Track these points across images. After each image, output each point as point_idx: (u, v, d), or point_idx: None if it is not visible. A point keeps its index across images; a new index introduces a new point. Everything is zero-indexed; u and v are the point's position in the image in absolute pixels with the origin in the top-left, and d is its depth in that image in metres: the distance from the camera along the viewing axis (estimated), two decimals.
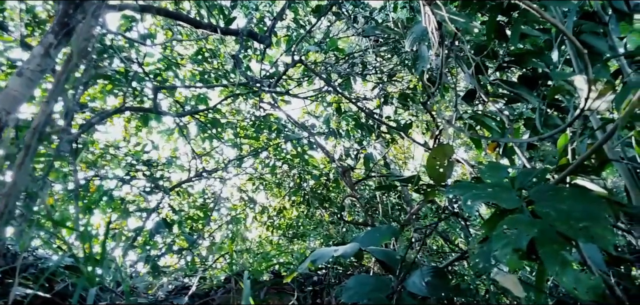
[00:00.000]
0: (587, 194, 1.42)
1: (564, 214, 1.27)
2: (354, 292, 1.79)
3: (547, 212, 1.29)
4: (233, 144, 5.80)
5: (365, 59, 4.71)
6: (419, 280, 1.73)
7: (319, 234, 4.77)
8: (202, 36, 5.48)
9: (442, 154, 1.79)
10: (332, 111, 5.35)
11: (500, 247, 1.18)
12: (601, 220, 1.21)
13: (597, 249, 1.90)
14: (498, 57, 3.32)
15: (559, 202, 1.34)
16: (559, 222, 1.24)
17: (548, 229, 1.22)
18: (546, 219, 1.26)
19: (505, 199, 1.36)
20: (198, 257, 4.93)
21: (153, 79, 5.33)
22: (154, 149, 5.76)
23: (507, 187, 1.50)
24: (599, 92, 1.47)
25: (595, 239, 1.17)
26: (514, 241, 1.18)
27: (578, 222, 1.23)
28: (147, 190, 5.21)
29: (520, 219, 1.27)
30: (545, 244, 1.18)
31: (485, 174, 1.59)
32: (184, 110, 5.42)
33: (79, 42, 2.17)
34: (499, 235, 1.21)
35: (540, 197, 1.39)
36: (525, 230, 1.20)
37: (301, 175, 5.39)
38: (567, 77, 2.21)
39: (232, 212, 6.06)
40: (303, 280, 3.36)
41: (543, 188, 1.48)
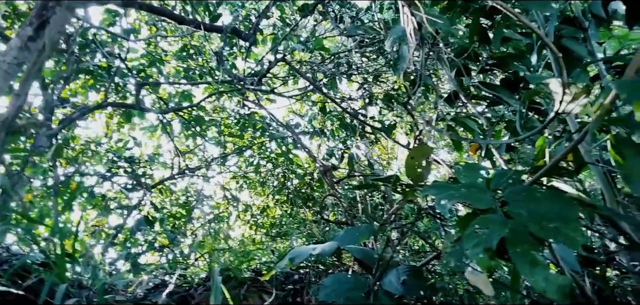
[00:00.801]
0: (559, 196, 1.44)
1: (535, 214, 1.29)
2: (330, 291, 1.79)
3: (519, 212, 1.30)
4: (217, 141, 5.77)
5: (350, 59, 4.72)
6: (395, 280, 1.74)
7: (302, 233, 4.76)
8: (187, 32, 5.42)
9: (421, 155, 1.80)
10: (317, 110, 5.35)
11: (471, 246, 1.19)
12: (572, 221, 1.23)
13: (570, 250, 1.93)
14: (480, 60, 3.36)
15: (531, 203, 1.35)
16: (531, 223, 1.25)
17: (519, 229, 1.23)
18: (518, 219, 1.28)
19: (478, 199, 1.37)
20: (180, 255, 4.89)
21: (136, 75, 5.26)
22: (137, 146, 5.69)
23: (482, 187, 1.51)
24: (573, 96, 1.50)
25: (565, 240, 1.19)
26: (485, 241, 1.19)
27: (549, 222, 1.24)
28: (129, 187, 5.14)
29: (493, 218, 1.28)
30: (516, 243, 1.20)
31: (461, 175, 1.60)
32: (167, 107, 5.36)
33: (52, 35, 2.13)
34: (471, 235, 1.22)
35: (513, 198, 1.41)
36: (496, 230, 1.21)
37: (285, 174, 5.38)
38: (543, 80, 2.24)
39: (214, 210, 6.02)
40: (284, 279, 3.34)
41: (517, 189, 1.50)
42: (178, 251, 4.68)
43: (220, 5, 5.12)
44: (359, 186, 3.38)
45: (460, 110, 3.79)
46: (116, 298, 3.11)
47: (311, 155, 4.37)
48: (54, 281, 1.94)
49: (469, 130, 3.49)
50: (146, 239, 4.98)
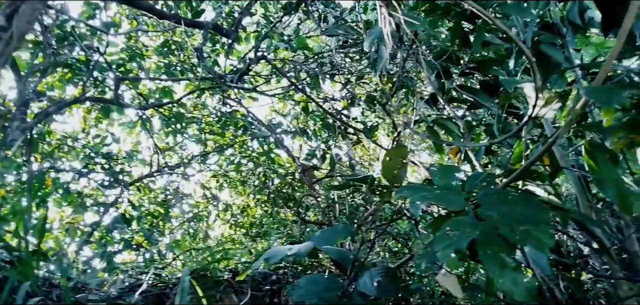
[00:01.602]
0: (531, 199, 1.45)
1: (506, 217, 1.29)
2: (305, 291, 1.77)
3: (491, 214, 1.31)
4: (197, 139, 5.69)
5: (333, 60, 4.71)
6: (370, 281, 1.73)
7: (282, 233, 4.73)
8: (169, 28, 5.34)
9: (397, 155, 1.80)
10: (299, 110, 5.32)
11: (442, 247, 1.18)
12: (541, 224, 1.24)
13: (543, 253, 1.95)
14: (461, 63, 3.39)
15: (503, 206, 1.36)
16: (501, 225, 1.26)
17: (490, 231, 1.23)
18: (489, 221, 1.28)
19: (451, 201, 1.38)
20: (157, 255, 4.81)
21: (115, 70, 5.16)
22: (115, 142, 5.58)
23: (456, 189, 1.51)
24: (547, 100, 1.51)
25: (534, 242, 1.19)
26: (456, 242, 1.19)
27: (519, 225, 1.25)
28: (106, 184, 5.04)
29: (464, 220, 1.29)
30: (486, 245, 1.20)
31: (436, 176, 1.60)
32: (147, 102, 5.27)
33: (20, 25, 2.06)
34: (442, 236, 1.21)
35: (486, 200, 1.41)
36: (467, 232, 1.21)
37: (266, 173, 5.35)
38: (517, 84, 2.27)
39: (194, 209, 5.95)
40: (262, 279, 3.32)
41: (490, 192, 1.51)
42: (155, 250, 4.60)
43: (203, 1, 5.06)
44: (336, 186, 3.37)
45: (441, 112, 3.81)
46: (89, 297, 3.05)
47: (290, 155, 4.35)
48: (19, 279, 1.88)
49: (449, 132, 3.51)
50: (123, 238, 4.89)
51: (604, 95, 1.12)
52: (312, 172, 3.86)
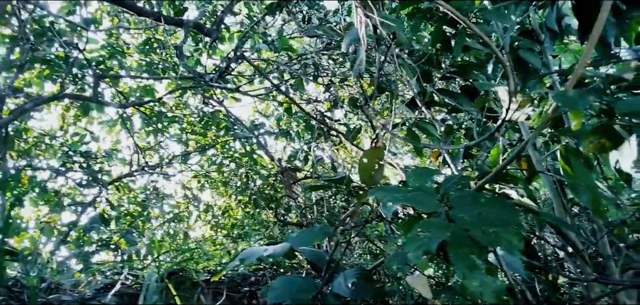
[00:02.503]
0: (502, 202, 1.46)
1: (477, 219, 1.30)
2: (279, 293, 1.76)
3: (462, 217, 1.31)
4: (179, 139, 5.63)
5: (316, 61, 4.70)
6: (344, 282, 1.72)
7: (263, 234, 4.71)
8: (151, 26, 5.28)
9: (373, 157, 1.80)
10: (283, 111, 5.30)
11: (412, 249, 1.18)
12: (511, 226, 1.25)
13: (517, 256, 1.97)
14: (442, 67, 3.41)
15: (474, 208, 1.37)
16: (472, 227, 1.26)
17: (460, 233, 1.24)
18: (460, 223, 1.29)
19: (423, 203, 1.38)
20: (136, 255, 4.73)
21: (95, 67, 5.07)
22: (94, 140, 5.48)
23: (429, 191, 1.52)
24: (520, 104, 1.52)
25: (503, 244, 1.20)
26: (426, 244, 1.19)
27: (490, 227, 1.26)
28: (84, 183, 4.94)
29: (435, 222, 1.29)
30: (456, 247, 1.20)
31: (410, 178, 1.61)
32: (127, 101, 5.19)
33: None
34: (413, 238, 1.21)
35: (459, 202, 1.42)
36: (437, 233, 1.22)
37: (248, 174, 5.31)
38: (490, 88, 2.29)
39: (174, 209, 5.87)
40: (240, 281, 3.29)
41: (464, 194, 1.51)
42: (134, 251, 4.53)
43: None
44: (313, 187, 3.37)
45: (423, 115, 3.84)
46: (62, 298, 2.98)
47: (270, 155, 4.33)
48: None
49: (430, 136, 3.54)
50: (100, 238, 4.80)
51: (572, 100, 1.14)
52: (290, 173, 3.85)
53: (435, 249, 1.17)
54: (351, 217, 2.36)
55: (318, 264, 1.99)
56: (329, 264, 1.75)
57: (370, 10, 1.74)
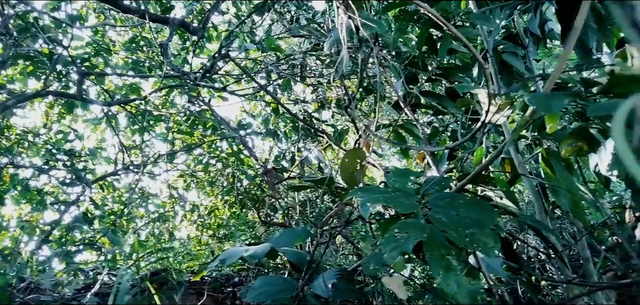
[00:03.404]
0: (480, 204, 1.47)
1: (454, 220, 1.31)
2: (259, 293, 1.75)
3: (440, 218, 1.32)
4: (164, 138, 5.57)
5: (304, 61, 4.70)
6: (325, 282, 1.72)
7: (250, 235, 4.68)
8: (138, 23, 5.23)
9: (355, 158, 1.80)
10: (270, 111, 5.29)
11: (389, 249, 1.18)
12: (486, 228, 1.26)
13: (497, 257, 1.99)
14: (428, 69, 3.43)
15: (452, 210, 1.37)
16: (449, 228, 1.27)
17: (437, 234, 1.24)
18: (437, 224, 1.29)
19: (402, 204, 1.38)
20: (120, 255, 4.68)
21: (80, 64, 5.01)
22: (78, 139, 5.40)
23: (409, 192, 1.52)
24: (499, 107, 1.54)
25: (479, 245, 1.21)
26: (403, 244, 1.19)
27: (466, 228, 1.26)
28: (67, 182, 4.88)
29: (412, 223, 1.29)
30: (432, 248, 1.21)
31: (391, 179, 1.61)
32: (112, 99, 5.13)
33: None
34: (389, 238, 1.21)
35: (437, 203, 1.43)
36: (414, 234, 1.22)
37: (235, 174, 5.28)
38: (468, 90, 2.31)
39: (160, 209, 5.82)
40: (224, 281, 3.28)
41: (442, 195, 1.52)
42: (118, 250, 4.47)
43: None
44: (295, 187, 3.36)
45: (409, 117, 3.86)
46: (41, 298, 2.94)
47: (254, 155, 4.31)
48: None
49: (415, 137, 3.56)
50: (84, 237, 4.74)
51: (546, 103, 1.15)
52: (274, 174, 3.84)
53: (411, 249, 1.18)
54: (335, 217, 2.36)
55: (299, 265, 1.99)
56: (309, 265, 1.75)
57: (352, 11, 1.74)
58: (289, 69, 4.77)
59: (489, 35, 2.98)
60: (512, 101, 1.47)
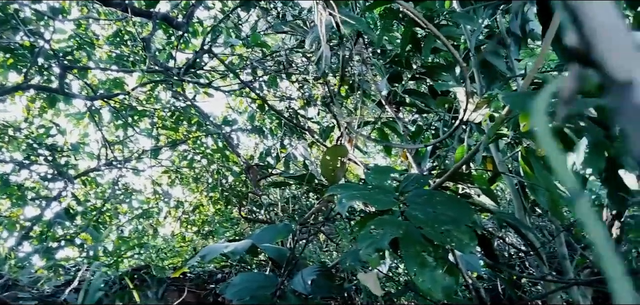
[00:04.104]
0: (457, 201, 1.49)
1: (431, 217, 1.32)
2: (238, 289, 1.75)
3: (416, 215, 1.33)
4: (149, 133, 5.52)
5: (289, 58, 4.69)
6: (304, 279, 1.73)
7: (235, 231, 4.66)
8: (122, 17, 5.16)
9: (336, 155, 1.81)
10: (256, 108, 5.27)
11: (364, 246, 1.19)
12: (462, 225, 1.27)
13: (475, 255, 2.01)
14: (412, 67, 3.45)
15: (429, 207, 1.39)
16: (425, 225, 1.28)
17: (413, 230, 1.26)
18: (414, 221, 1.30)
19: (379, 200, 1.39)
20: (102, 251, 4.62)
21: (62, 57, 4.93)
22: (60, 133, 5.32)
23: (387, 189, 1.53)
24: (476, 105, 1.55)
25: (454, 242, 1.22)
26: (378, 241, 1.20)
27: (442, 225, 1.28)
28: (48, 177, 4.80)
29: (388, 219, 1.30)
30: (408, 245, 1.22)
31: (370, 176, 1.62)
32: (95, 93, 5.06)
33: None
34: (366, 235, 1.22)
35: (414, 200, 1.44)
36: (390, 231, 1.23)
37: (220, 171, 5.25)
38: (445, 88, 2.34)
39: (143, 205, 5.76)
40: (207, 278, 3.26)
41: (420, 193, 1.53)
42: (100, 246, 4.42)
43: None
44: (276, 184, 3.36)
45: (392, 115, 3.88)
46: (19, 295, 2.89)
47: (236, 152, 4.29)
48: None
49: (399, 135, 3.58)
50: (65, 233, 4.67)
51: (519, 101, 1.17)
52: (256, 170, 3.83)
53: (386, 246, 1.19)
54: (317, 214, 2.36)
55: (280, 261, 1.99)
56: (288, 261, 1.75)
57: (332, 8, 1.75)
58: (275, 65, 4.76)
59: (472, 35, 3.01)
60: (489, 100, 1.49)
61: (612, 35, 0.25)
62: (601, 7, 0.25)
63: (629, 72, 0.24)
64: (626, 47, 0.25)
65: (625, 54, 0.24)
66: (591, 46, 0.25)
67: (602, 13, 0.25)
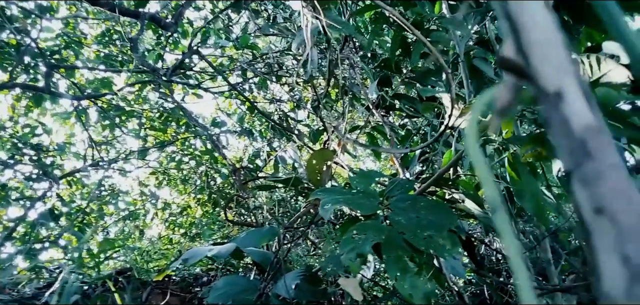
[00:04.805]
0: (440, 206, 1.49)
1: (413, 222, 1.32)
2: (220, 293, 1.73)
3: (399, 220, 1.32)
4: (136, 134, 5.46)
5: (280, 60, 4.68)
6: (288, 283, 1.71)
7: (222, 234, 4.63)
8: (111, 16, 5.10)
9: (321, 158, 1.80)
10: (245, 110, 5.24)
11: (346, 251, 1.18)
12: (444, 231, 1.27)
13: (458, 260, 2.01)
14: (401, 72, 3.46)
15: (413, 212, 1.38)
16: (407, 230, 1.28)
17: (395, 236, 1.25)
18: (396, 226, 1.30)
19: (363, 205, 1.38)
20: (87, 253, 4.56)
21: (49, 56, 4.87)
22: (46, 133, 5.25)
23: (371, 194, 1.52)
24: (461, 111, 1.55)
25: (435, 248, 1.22)
26: (360, 246, 1.19)
27: (424, 231, 1.27)
28: (33, 177, 4.73)
29: (371, 224, 1.29)
30: (389, 249, 1.21)
31: (355, 181, 1.61)
32: (82, 93, 5.00)
33: None
34: (348, 240, 1.21)
35: (398, 205, 1.43)
36: (372, 236, 1.22)
37: (208, 173, 5.21)
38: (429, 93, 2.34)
39: (130, 206, 5.70)
40: (193, 281, 3.23)
41: (405, 198, 1.53)
42: (84, 248, 4.36)
43: None
44: (261, 187, 3.35)
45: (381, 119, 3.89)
46: None
47: (222, 154, 4.26)
48: None
49: (388, 140, 3.58)
50: (50, 234, 4.60)
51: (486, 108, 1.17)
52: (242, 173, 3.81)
53: (368, 251, 1.18)
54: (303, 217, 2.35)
55: (264, 265, 1.97)
56: (272, 265, 1.73)
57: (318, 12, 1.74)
58: (265, 67, 4.74)
59: (461, 41, 3.03)
60: (473, 105, 1.49)
61: (546, 48, 0.25)
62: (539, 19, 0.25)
63: (558, 83, 0.24)
64: (558, 59, 0.24)
65: (557, 66, 0.24)
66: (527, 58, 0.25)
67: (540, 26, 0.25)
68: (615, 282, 0.19)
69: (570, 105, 0.23)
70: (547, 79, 0.24)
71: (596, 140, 0.22)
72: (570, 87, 0.23)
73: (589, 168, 0.21)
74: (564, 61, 0.24)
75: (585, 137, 0.22)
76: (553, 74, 0.24)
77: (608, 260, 0.19)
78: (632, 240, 0.19)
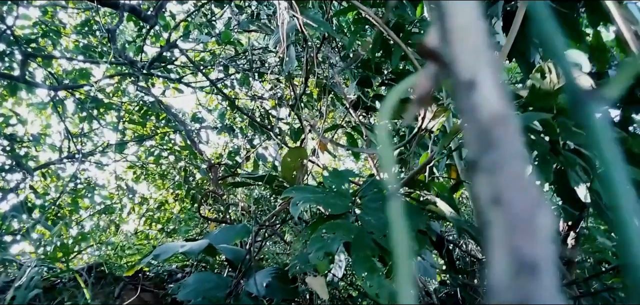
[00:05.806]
0: (411, 207, 1.50)
1: (383, 223, 1.33)
2: (191, 289, 1.71)
3: (369, 220, 1.33)
4: (114, 127, 5.37)
5: (262, 57, 4.66)
6: (259, 281, 1.71)
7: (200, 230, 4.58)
8: (90, 6, 5.01)
9: (296, 156, 1.80)
10: (226, 106, 5.20)
11: (314, 250, 1.19)
12: (411, 231, 1.28)
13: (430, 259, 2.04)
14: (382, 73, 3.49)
15: (383, 212, 1.40)
16: (376, 230, 1.29)
17: (364, 235, 1.26)
18: (366, 226, 1.31)
19: (334, 204, 1.39)
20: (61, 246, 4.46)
21: (26, 45, 4.75)
22: (20, 123, 5.12)
23: (343, 193, 1.53)
24: (434, 114, 1.57)
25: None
26: (328, 245, 1.20)
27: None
28: (6, 168, 4.61)
29: (341, 224, 1.30)
30: (358, 249, 1.22)
31: (328, 180, 1.62)
32: (59, 84, 4.90)
33: None
34: (316, 239, 1.22)
35: (369, 205, 1.44)
36: (341, 235, 1.23)
37: (187, 168, 5.16)
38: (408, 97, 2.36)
39: (106, 200, 5.60)
40: (167, 277, 3.19)
41: (376, 198, 1.54)
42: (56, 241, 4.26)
43: None
44: (235, 184, 3.33)
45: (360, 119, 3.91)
46: None
47: (198, 150, 4.23)
48: None
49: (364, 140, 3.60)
50: (22, 226, 4.49)
51: None
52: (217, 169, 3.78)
53: (336, 250, 1.18)
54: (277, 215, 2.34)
55: (236, 262, 1.96)
56: (243, 262, 1.73)
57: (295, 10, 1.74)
58: (247, 63, 4.71)
59: None
60: (445, 109, 1.51)
61: (465, 35, 0.25)
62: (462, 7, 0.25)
63: (473, 71, 0.24)
64: (476, 47, 0.25)
65: (474, 54, 0.24)
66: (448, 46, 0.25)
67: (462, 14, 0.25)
68: (501, 275, 0.19)
69: (481, 94, 0.23)
70: (462, 67, 0.24)
71: (501, 129, 0.22)
72: (484, 75, 0.24)
73: (491, 157, 0.22)
74: (480, 49, 0.24)
75: (491, 126, 0.22)
76: (469, 61, 0.24)
77: (498, 253, 0.20)
78: (521, 231, 0.19)
